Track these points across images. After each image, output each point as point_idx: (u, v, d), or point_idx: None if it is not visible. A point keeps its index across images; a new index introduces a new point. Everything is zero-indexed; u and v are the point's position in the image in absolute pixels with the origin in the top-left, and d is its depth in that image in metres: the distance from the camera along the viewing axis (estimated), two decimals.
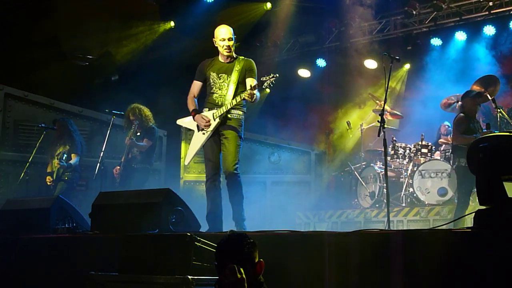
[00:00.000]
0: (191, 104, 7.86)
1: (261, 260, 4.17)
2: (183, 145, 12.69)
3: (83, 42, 13.81)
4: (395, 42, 14.32)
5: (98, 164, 10.43)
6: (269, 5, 14.76)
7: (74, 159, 10.81)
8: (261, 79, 7.30)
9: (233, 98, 7.55)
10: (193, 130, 7.93)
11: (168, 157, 13.12)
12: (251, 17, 14.84)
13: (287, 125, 14.73)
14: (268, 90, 15.74)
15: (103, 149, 10.49)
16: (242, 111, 7.75)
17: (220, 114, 7.56)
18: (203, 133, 7.67)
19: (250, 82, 7.59)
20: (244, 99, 7.45)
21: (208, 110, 7.71)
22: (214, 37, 7.76)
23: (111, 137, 10.87)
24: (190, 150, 7.94)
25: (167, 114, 11.55)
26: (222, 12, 14.13)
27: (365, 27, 14.73)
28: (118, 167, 10.54)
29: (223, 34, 7.63)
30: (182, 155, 12.66)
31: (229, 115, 7.65)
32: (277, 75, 7.31)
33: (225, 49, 7.63)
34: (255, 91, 7.37)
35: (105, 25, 13.75)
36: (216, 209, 7.62)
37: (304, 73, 15.90)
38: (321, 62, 15.62)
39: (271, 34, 15.40)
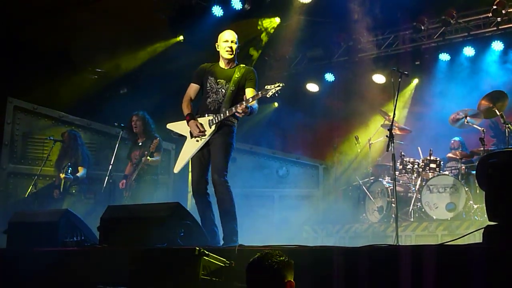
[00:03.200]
0: (186, 108, 7.60)
1: (291, 280, 4.13)
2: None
3: (93, 54, 13.86)
4: (404, 57, 14.29)
5: (107, 177, 10.46)
6: (278, 19, 14.80)
7: (81, 172, 10.86)
8: (266, 88, 7.06)
9: (229, 106, 7.34)
10: (185, 136, 7.61)
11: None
12: (260, 31, 14.88)
13: (296, 139, 14.75)
14: (276, 104, 15.82)
15: (111, 162, 10.52)
16: (235, 118, 7.49)
17: (216, 122, 7.33)
18: (197, 140, 7.40)
19: (248, 92, 7.41)
20: (236, 112, 7.21)
21: (202, 117, 7.49)
22: (217, 42, 7.66)
23: (120, 150, 10.89)
24: (181, 157, 7.59)
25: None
26: (231, 26, 14.17)
27: (373, 42, 14.74)
28: (124, 181, 10.53)
29: (227, 36, 7.53)
30: (190, 169, 12.66)
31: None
32: (283, 84, 7.07)
33: (227, 50, 7.46)
34: (254, 103, 7.26)
35: (115, 38, 13.77)
36: (207, 223, 7.34)
37: (312, 87, 15.92)
38: (329, 77, 15.64)
39: (279, 48, 15.43)
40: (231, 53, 7.50)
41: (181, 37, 14.66)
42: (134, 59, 14.37)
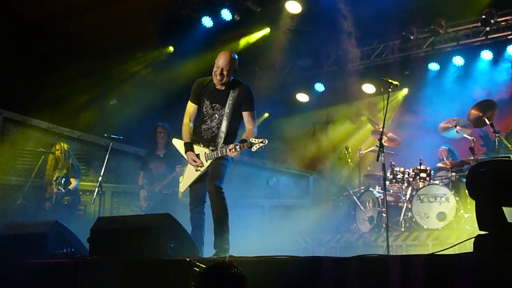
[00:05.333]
0: (185, 134, 7.58)
1: None
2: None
3: (83, 65, 13.84)
4: (393, 66, 14.36)
5: (97, 188, 10.41)
6: (267, 30, 14.84)
7: (73, 184, 10.89)
8: (251, 141, 7.03)
9: (224, 136, 7.36)
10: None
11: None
12: (249, 41, 14.91)
13: (286, 149, 14.76)
14: (266, 115, 15.85)
15: (102, 174, 10.48)
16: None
17: (212, 157, 7.37)
18: (196, 170, 7.50)
19: (245, 117, 7.41)
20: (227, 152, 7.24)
21: (197, 145, 7.52)
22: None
23: (110, 161, 10.86)
24: (185, 179, 7.70)
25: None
26: (221, 36, 14.22)
27: (363, 52, 14.80)
28: (144, 191, 10.55)
29: (219, 63, 7.28)
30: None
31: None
32: (266, 141, 7.04)
33: (217, 78, 7.32)
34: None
35: (104, 49, 13.76)
36: (196, 240, 7.27)
37: (302, 97, 15.96)
38: (319, 87, 15.69)
39: (269, 58, 15.46)
40: (220, 80, 7.33)
41: (171, 48, 14.68)
42: (124, 70, 14.36)
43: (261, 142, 7.04)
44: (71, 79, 13.30)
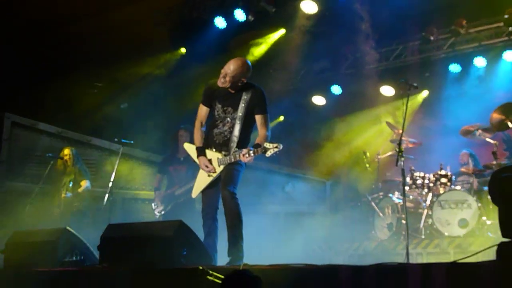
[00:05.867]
0: (197, 138, 7.63)
1: None
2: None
3: (92, 68, 13.90)
4: (413, 68, 14.31)
5: (107, 194, 10.43)
6: (282, 31, 14.84)
7: (84, 186, 10.96)
8: (265, 146, 7.02)
9: (236, 141, 7.35)
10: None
11: None
12: (264, 43, 14.92)
13: (302, 154, 14.75)
14: (281, 118, 15.84)
15: (112, 179, 10.50)
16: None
17: (225, 163, 7.36)
18: (208, 175, 7.49)
19: (259, 120, 7.42)
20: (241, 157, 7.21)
21: (209, 149, 7.52)
22: None
23: (120, 166, 10.90)
24: (197, 185, 7.70)
25: None
26: (234, 38, 14.24)
27: (381, 53, 14.75)
28: (162, 193, 10.65)
29: (225, 67, 7.34)
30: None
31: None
32: (281, 146, 7.03)
33: (220, 80, 7.35)
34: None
35: (115, 52, 13.81)
36: (209, 247, 7.31)
37: (319, 100, 15.94)
38: (336, 89, 15.64)
39: (285, 60, 15.43)
40: (223, 83, 7.34)
41: (183, 50, 14.71)
42: (135, 73, 14.42)
43: (276, 147, 7.02)
44: (81, 82, 13.39)
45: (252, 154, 7.12)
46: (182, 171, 10.58)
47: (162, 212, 10.54)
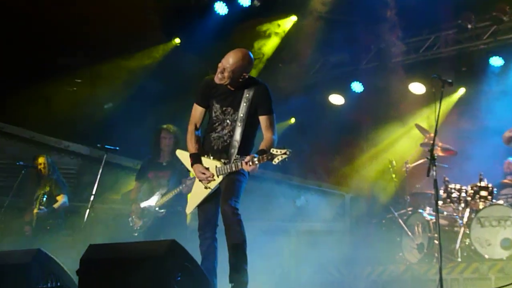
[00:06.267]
0: (191, 144, 7.56)
1: None
2: None
3: (70, 61, 13.90)
4: (447, 61, 14.28)
5: (88, 209, 10.40)
6: (294, 18, 14.82)
7: (60, 201, 10.94)
8: (272, 152, 6.94)
9: (238, 146, 7.28)
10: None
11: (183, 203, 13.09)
12: (272, 33, 14.90)
13: (317, 162, 14.74)
14: (293, 120, 15.85)
15: (94, 192, 10.48)
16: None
17: (224, 172, 7.29)
18: (205, 188, 7.43)
19: (263, 121, 7.37)
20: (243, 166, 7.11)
21: (207, 156, 7.47)
22: None
23: (104, 176, 10.87)
24: (192, 199, 7.64)
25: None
26: (238, 27, 14.22)
27: (410, 44, 14.74)
28: (137, 206, 10.48)
29: (223, 61, 7.25)
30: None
31: None
32: (290, 152, 6.97)
33: (217, 76, 7.25)
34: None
35: (98, 44, 13.83)
36: (207, 271, 7.23)
37: (336, 99, 15.95)
38: (357, 86, 15.65)
39: (296, 52, 15.42)
40: (221, 79, 7.25)
41: (177, 40, 14.71)
42: (122, 68, 14.40)
43: (284, 153, 6.96)
44: (58, 78, 13.36)
45: (257, 162, 7.04)
46: (164, 178, 10.40)
47: (141, 230, 10.37)
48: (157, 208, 10.28)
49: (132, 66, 14.54)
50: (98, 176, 10.63)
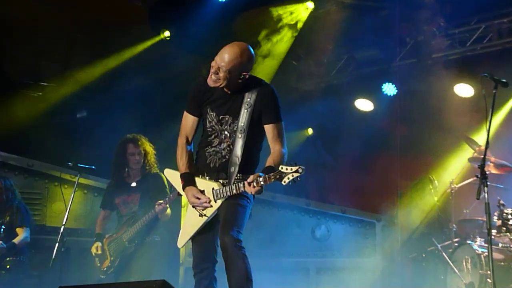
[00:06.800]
0: (182, 161, 7.53)
1: None
2: (183, 217, 12.62)
3: (36, 62, 13.89)
4: (500, 57, 14.23)
5: (57, 244, 10.34)
6: (310, 5, 14.79)
7: (22, 235, 10.91)
8: (281, 170, 6.84)
9: (239, 163, 7.21)
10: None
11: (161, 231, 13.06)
12: (284, 23, 14.88)
13: (340, 182, 14.69)
14: (310, 131, 15.82)
15: (64, 222, 10.43)
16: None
17: (222, 196, 7.23)
18: (200, 215, 7.37)
19: (269, 131, 7.31)
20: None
21: (201, 176, 7.43)
22: None
23: (76, 204, 10.83)
24: (184, 229, 7.60)
25: (160, 163, 11.52)
26: (241, 16, 14.21)
27: (454, 36, 14.69)
28: (100, 244, 10.40)
29: (217, 58, 7.16)
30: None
31: None
32: (303, 168, 6.84)
33: (211, 77, 7.16)
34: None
35: (69, 38, 13.83)
36: None
37: (364, 104, 15.96)
38: (389, 89, 15.60)
39: (314, 47, 15.39)
40: (215, 82, 7.18)
41: (166, 33, 14.71)
42: (98, 68, 14.38)
43: (296, 171, 6.84)
44: (19, 81, 13.35)
45: (262, 182, 6.94)
46: (134, 203, 10.34)
47: (109, 271, 10.25)
48: (126, 242, 10.18)
49: (111, 65, 14.51)
50: (70, 202, 10.59)
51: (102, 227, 10.52)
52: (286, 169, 6.81)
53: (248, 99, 7.28)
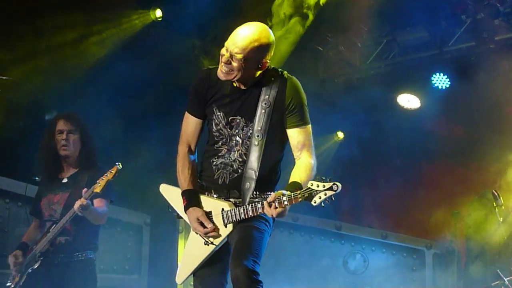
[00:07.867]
0: (184, 175, 7.35)
1: None
2: (181, 245, 12.53)
3: None
4: None
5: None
6: None
7: None
8: (311, 187, 6.61)
9: (255, 177, 7.00)
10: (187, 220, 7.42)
11: (152, 265, 12.92)
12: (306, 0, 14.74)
13: (379, 200, 14.57)
14: (341, 135, 15.65)
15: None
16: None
17: (233, 220, 7.06)
18: (206, 244, 7.21)
19: (294, 137, 7.09)
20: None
21: (210, 196, 7.26)
22: None
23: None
24: (184, 261, 7.47)
25: (150, 176, 11.31)
26: None
27: None
28: (19, 252, 9.99)
29: (229, 44, 6.88)
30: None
31: None
32: (339, 185, 6.65)
33: (221, 69, 6.93)
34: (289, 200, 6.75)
35: (35, 20, 13.69)
36: None
37: (409, 100, 15.80)
38: (440, 80, 15.45)
39: (344, 29, 15.24)
40: (226, 74, 6.97)
41: (157, 13, 14.57)
42: (75, 54, 14.24)
43: (330, 188, 6.61)
44: None
45: (286, 203, 6.70)
46: (59, 204, 9.77)
47: None
48: (38, 255, 9.77)
49: (90, 51, 14.38)
50: None
51: (31, 237, 10.07)
52: (318, 185, 6.58)
53: (266, 96, 7.06)
